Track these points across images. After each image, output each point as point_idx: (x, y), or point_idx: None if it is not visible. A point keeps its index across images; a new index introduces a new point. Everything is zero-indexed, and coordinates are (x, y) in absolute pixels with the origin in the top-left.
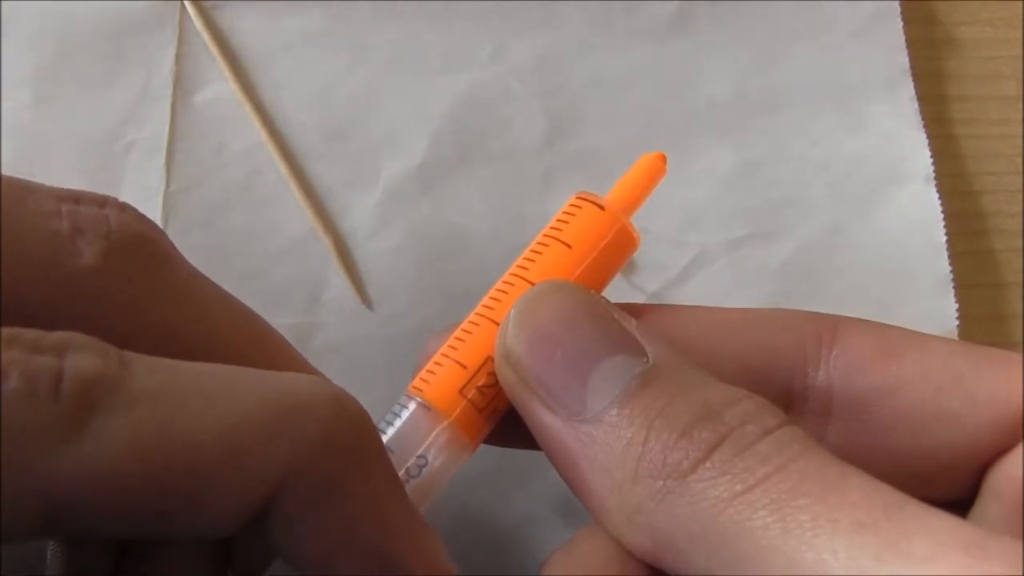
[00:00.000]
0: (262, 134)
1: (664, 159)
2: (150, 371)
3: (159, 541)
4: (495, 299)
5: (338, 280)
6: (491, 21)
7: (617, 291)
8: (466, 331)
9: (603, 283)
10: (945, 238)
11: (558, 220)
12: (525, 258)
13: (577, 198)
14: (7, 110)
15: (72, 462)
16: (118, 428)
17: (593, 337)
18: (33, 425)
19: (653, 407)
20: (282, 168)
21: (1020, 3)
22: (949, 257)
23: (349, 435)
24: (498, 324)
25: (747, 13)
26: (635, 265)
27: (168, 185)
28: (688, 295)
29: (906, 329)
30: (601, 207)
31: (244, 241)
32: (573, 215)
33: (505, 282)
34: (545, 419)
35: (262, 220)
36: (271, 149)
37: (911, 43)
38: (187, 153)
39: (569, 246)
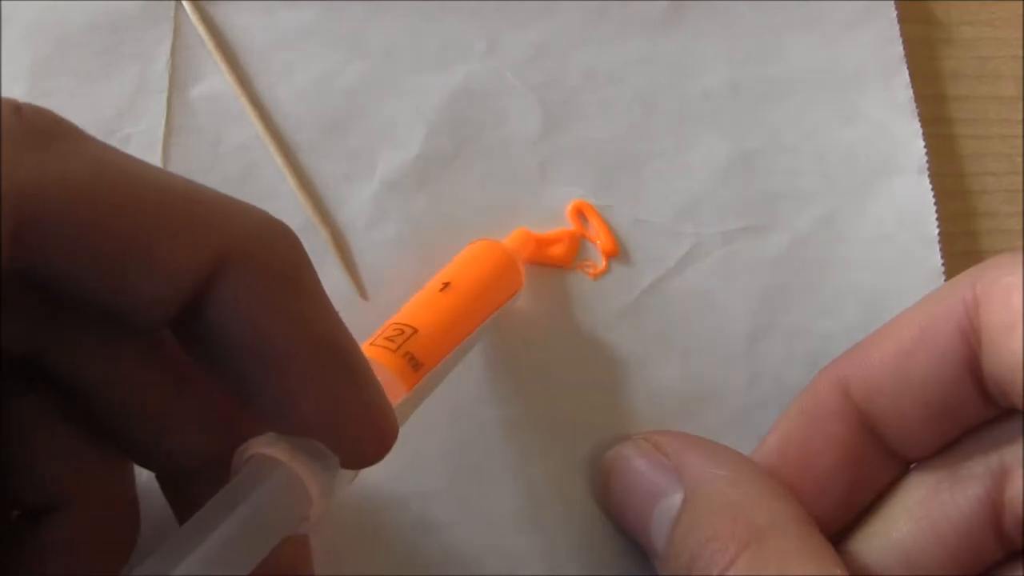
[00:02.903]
0: (258, 128)
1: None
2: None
3: (115, 315)
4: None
5: (335, 271)
6: (485, 14)
7: (615, 284)
8: None
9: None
10: (937, 230)
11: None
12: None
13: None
14: None
15: (41, 168)
16: (82, 150)
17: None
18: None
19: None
20: (279, 161)
21: (1020, 3)
22: (941, 249)
23: (290, 238)
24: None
25: (741, 2)
26: (630, 257)
27: None
28: (683, 286)
29: None
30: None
31: None
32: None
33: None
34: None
35: None
36: (268, 142)
37: (909, 43)
38: (183, 147)
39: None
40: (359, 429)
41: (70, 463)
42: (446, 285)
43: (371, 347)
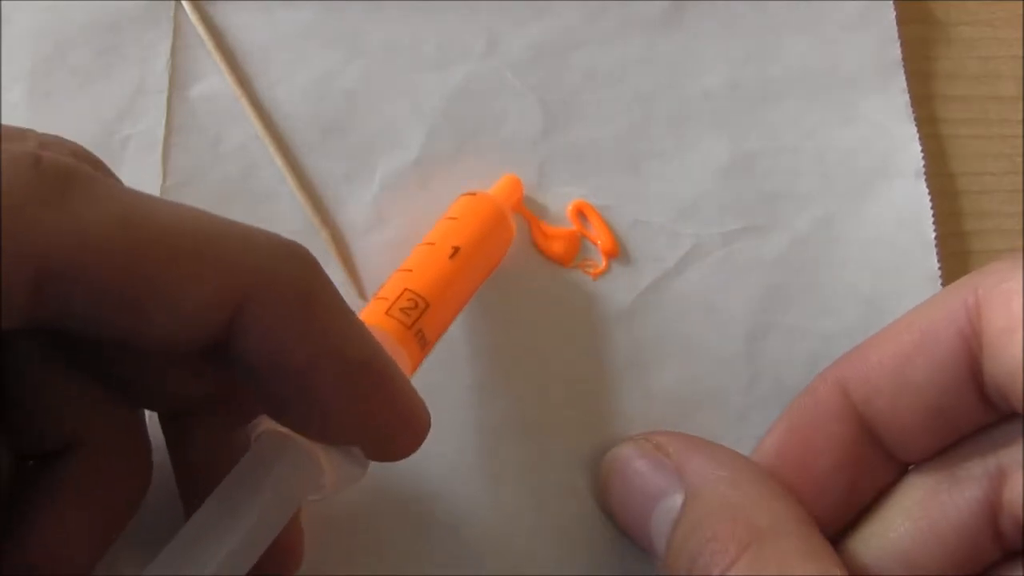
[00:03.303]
0: (258, 128)
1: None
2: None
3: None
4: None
5: (335, 272)
6: (485, 14)
7: (615, 284)
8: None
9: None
10: (934, 234)
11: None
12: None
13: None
14: (3, 105)
15: (60, 225)
16: (100, 202)
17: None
18: (19, 187)
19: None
20: (279, 162)
21: (1020, 3)
22: (938, 252)
23: (305, 261)
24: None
25: (741, 2)
26: (630, 257)
27: (165, 180)
28: (683, 286)
29: None
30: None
31: None
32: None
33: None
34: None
35: (260, 214)
36: (268, 143)
37: (909, 43)
38: (183, 148)
39: (455, 218)
40: (393, 434)
41: (76, 404)
42: (456, 251)
43: (387, 318)
